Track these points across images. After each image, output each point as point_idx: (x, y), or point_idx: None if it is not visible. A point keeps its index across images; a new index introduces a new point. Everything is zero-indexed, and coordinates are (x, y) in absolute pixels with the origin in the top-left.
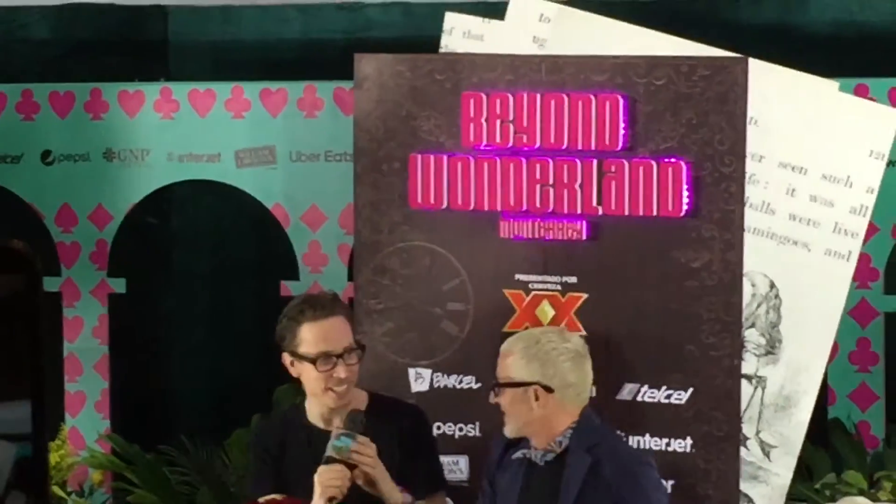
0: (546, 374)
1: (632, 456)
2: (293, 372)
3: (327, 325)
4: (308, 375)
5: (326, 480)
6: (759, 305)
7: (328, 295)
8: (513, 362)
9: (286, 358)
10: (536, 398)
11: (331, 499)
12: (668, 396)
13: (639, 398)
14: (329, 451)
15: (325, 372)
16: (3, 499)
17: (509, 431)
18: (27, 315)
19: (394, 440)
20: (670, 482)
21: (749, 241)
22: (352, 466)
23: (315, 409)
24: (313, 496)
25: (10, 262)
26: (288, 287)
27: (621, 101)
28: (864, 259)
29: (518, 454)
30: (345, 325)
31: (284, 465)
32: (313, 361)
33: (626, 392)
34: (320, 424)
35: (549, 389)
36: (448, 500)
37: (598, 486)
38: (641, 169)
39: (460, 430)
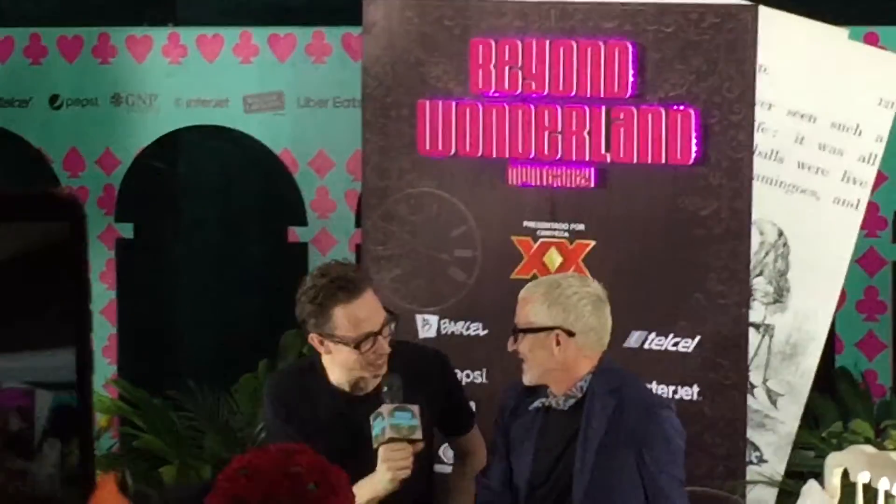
0: (568, 318)
1: (654, 400)
2: (323, 350)
3: (362, 304)
4: (344, 355)
5: (396, 463)
6: (767, 254)
7: (352, 269)
8: (534, 308)
9: (315, 338)
10: (558, 343)
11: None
12: (676, 344)
13: (646, 346)
14: (390, 433)
15: (366, 353)
16: (40, 445)
17: (529, 378)
18: (74, 262)
19: (423, 387)
20: None
21: (757, 189)
22: (413, 441)
23: (342, 375)
24: (379, 477)
25: (56, 209)
26: (296, 233)
27: (630, 48)
28: (872, 207)
29: (536, 404)
30: (375, 299)
31: (305, 425)
32: (356, 345)
33: (634, 339)
34: (346, 388)
35: (570, 334)
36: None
37: (621, 428)
38: (650, 116)
39: (467, 376)
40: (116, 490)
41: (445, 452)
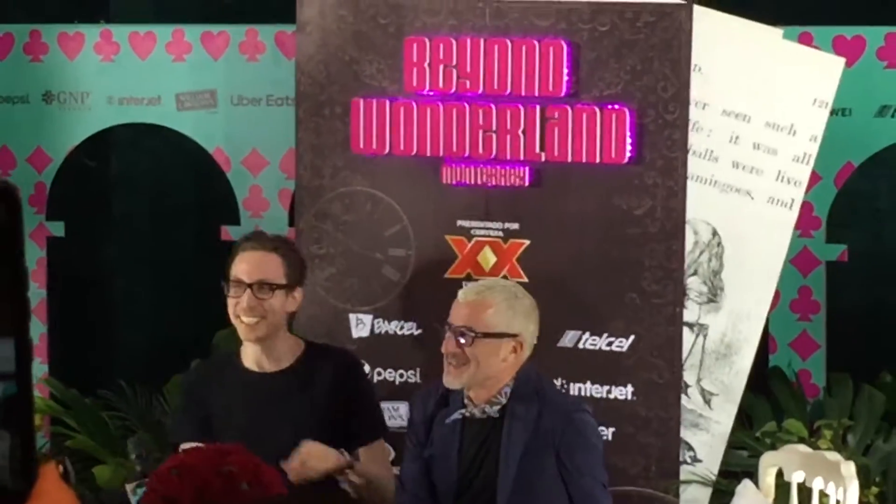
0: (527, 328)
1: (570, 403)
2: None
3: (255, 256)
4: (228, 302)
5: None
6: (701, 253)
7: (278, 235)
8: (495, 313)
9: (224, 286)
10: (514, 351)
11: None
12: (610, 344)
13: (580, 345)
14: None
15: (234, 298)
16: None
17: (461, 382)
18: (9, 249)
19: (327, 386)
20: (611, 429)
21: (692, 188)
22: None
23: (249, 352)
24: None
25: None
26: (228, 231)
27: (565, 47)
28: (806, 207)
29: (455, 416)
30: (275, 263)
31: (215, 409)
32: (227, 287)
33: (568, 339)
34: (254, 368)
35: (522, 344)
36: (387, 446)
37: (539, 433)
38: (585, 115)
39: (401, 376)
40: (59, 479)
41: None
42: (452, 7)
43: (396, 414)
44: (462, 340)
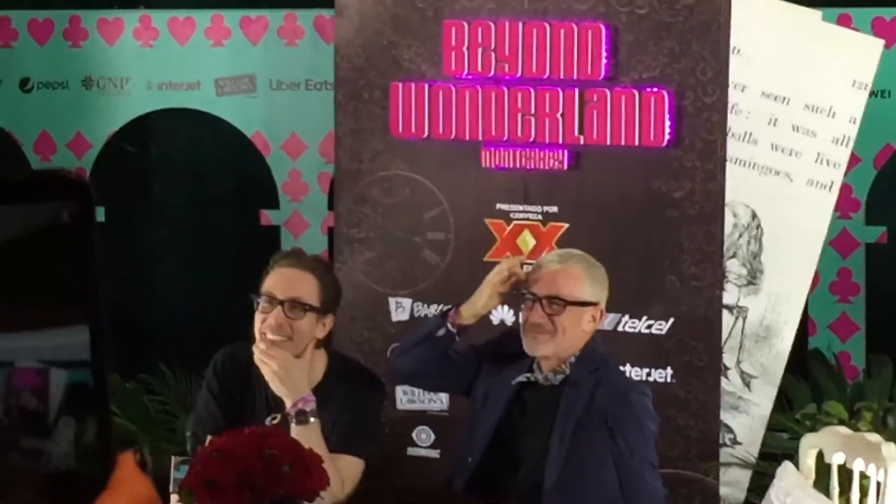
0: (602, 296)
1: (629, 384)
2: None
3: (290, 273)
4: (255, 319)
5: None
6: (740, 235)
7: (318, 257)
8: (580, 282)
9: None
10: (593, 320)
11: None
12: (649, 326)
13: (620, 328)
14: (172, 487)
15: (262, 314)
16: (55, 424)
17: (546, 350)
18: (84, 240)
19: (341, 399)
20: None
21: (731, 170)
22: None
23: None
24: None
25: (66, 189)
26: (268, 216)
27: (604, 30)
28: (845, 189)
29: (521, 378)
30: (310, 283)
31: (238, 406)
32: (258, 301)
33: (608, 322)
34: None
35: (601, 312)
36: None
37: (593, 408)
38: (623, 98)
39: None
40: (136, 467)
41: (420, 434)
42: None
43: (437, 398)
44: (549, 310)
